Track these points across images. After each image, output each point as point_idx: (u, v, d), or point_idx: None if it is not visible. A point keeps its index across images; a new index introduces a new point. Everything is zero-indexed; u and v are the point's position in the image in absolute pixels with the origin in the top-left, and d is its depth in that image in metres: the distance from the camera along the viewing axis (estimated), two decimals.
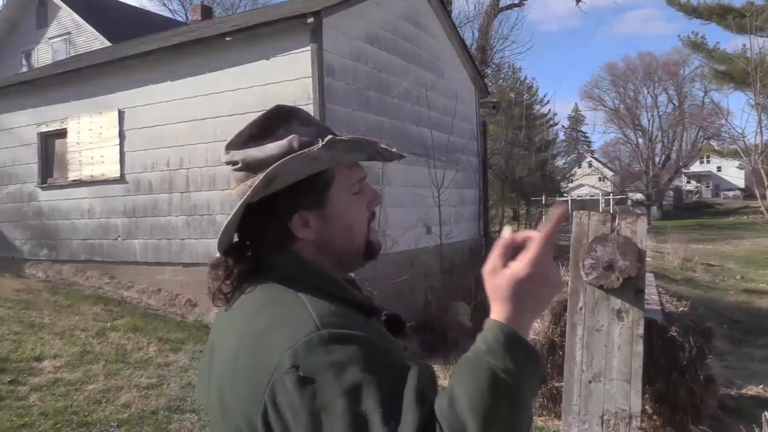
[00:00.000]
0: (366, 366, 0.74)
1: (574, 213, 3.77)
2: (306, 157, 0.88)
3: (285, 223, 0.91)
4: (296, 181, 0.89)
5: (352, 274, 1.10)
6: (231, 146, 0.94)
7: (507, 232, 0.79)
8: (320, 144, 0.90)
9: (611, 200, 33.93)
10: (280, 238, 0.92)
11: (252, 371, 0.79)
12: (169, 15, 25.15)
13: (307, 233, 0.91)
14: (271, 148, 0.91)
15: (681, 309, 4.47)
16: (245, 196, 0.88)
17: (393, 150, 0.99)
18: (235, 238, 0.95)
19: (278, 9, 9.42)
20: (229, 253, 0.93)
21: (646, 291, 3.74)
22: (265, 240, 0.92)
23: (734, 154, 22.78)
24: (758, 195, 14.77)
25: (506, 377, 0.70)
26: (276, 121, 0.94)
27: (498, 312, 0.76)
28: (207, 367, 0.96)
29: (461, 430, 0.68)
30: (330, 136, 0.92)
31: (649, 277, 5.46)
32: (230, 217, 0.89)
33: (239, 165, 0.92)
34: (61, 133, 8.87)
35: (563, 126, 46.08)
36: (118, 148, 8.19)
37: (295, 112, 0.96)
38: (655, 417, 4.12)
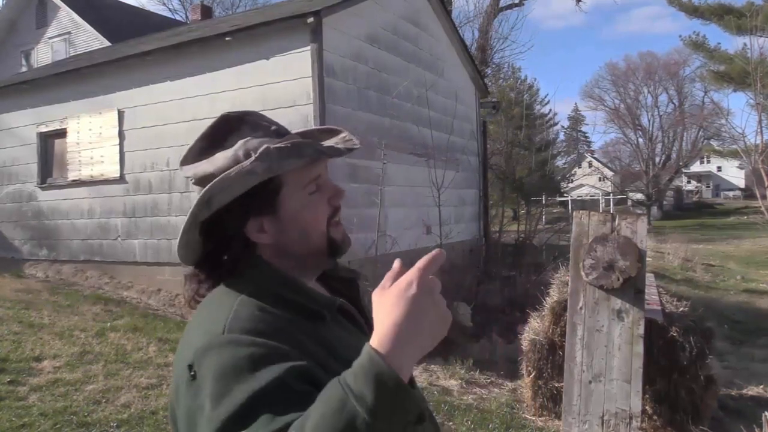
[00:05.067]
0: (244, 376, 0.73)
1: (574, 213, 3.76)
2: (239, 174, 0.87)
3: (240, 231, 0.91)
4: (246, 192, 0.88)
5: (356, 270, 1.10)
6: (184, 162, 0.95)
7: (397, 263, 0.77)
8: (253, 157, 0.88)
9: (611, 200, 33.92)
10: (240, 244, 0.92)
11: (175, 368, 0.86)
12: (168, 14, 25.17)
13: (263, 238, 0.92)
14: (219, 159, 0.91)
15: (681, 309, 4.46)
16: (188, 218, 0.89)
17: (339, 147, 0.97)
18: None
19: (278, 9, 9.42)
20: (200, 266, 0.95)
21: (646, 291, 3.73)
22: (228, 247, 0.93)
23: (734, 154, 22.77)
24: (758, 195, 14.75)
25: (357, 405, 0.63)
26: (224, 130, 0.93)
27: (375, 334, 0.68)
28: None
29: None
30: (264, 147, 0.89)
31: (650, 277, 5.46)
32: (180, 236, 0.91)
33: (193, 181, 0.93)
34: (61, 133, 8.87)
35: (563, 126, 46.11)
36: (117, 148, 8.18)
37: (244, 118, 0.95)
38: (655, 417, 4.11)
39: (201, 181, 0.91)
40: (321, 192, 0.95)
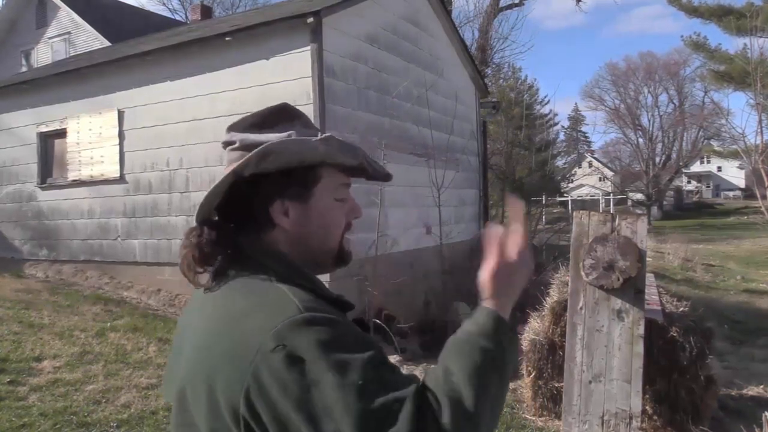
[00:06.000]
0: (349, 344, 0.78)
1: (574, 213, 3.76)
2: (303, 142, 0.92)
3: (266, 206, 0.93)
4: (286, 169, 0.91)
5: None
6: (233, 128, 0.98)
7: (495, 229, 0.91)
8: (319, 137, 0.94)
9: (611, 200, 33.92)
10: (259, 220, 0.93)
11: (232, 352, 0.80)
12: (168, 14, 25.18)
13: (285, 221, 0.93)
14: (271, 136, 0.94)
15: (681, 309, 4.46)
16: (235, 165, 0.90)
17: (385, 170, 1.04)
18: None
19: (278, 9, 9.41)
20: (206, 223, 0.93)
21: (646, 291, 3.73)
22: (244, 221, 0.94)
23: (734, 155, 22.77)
24: (758, 195, 14.76)
25: (496, 355, 0.81)
26: (280, 117, 0.98)
27: (492, 301, 0.87)
28: (175, 358, 0.96)
29: (457, 399, 0.75)
30: (328, 134, 0.96)
31: (650, 277, 5.46)
32: (215, 185, 0.90)
33: (236, 145, 0.95)
34: (61, 133, 8.86)
35: (563, 126, 46.12)
36: (117, 148, 8.18)
37: (300, 115, 1.00)
38: (655, 417, 4.11)
39: (246, 146, 0.94)
40: (344, 203, 0.99)
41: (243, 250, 0.92)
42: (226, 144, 0.97)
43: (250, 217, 0.93)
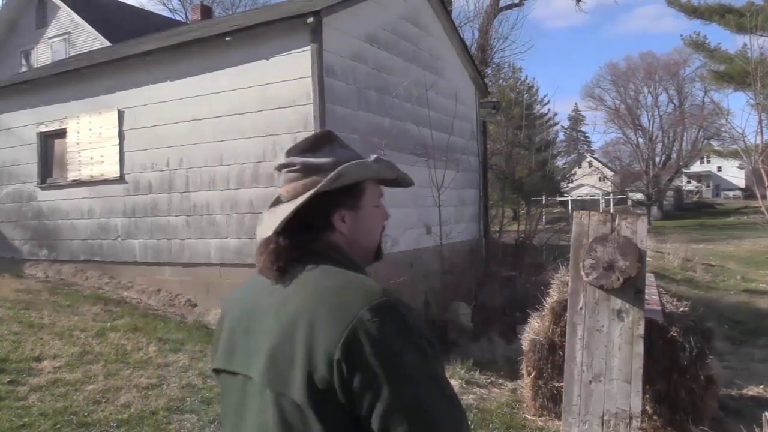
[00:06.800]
0: (424, 334, 1.00)
1: (574, 213, 3.76)
2: (365, 164, 1.15)
3: (329, 215, 1.13)
4: (344, 186, 1.11)
5: None
6: (290, 153, 1.16)
7: None
8: (372, 158, 1.17)
9: (611, 200, 33.92)
10: (320, 226, 1.14)
11: (332, 314, 0.98)
12: (168, 14, 25.18)
13: (343, 227, 1.15)
14: (323, 159, 1.14)
15: (681, 309, 4.46)
16: (318, 186, 1.09)
17: (409, 177, 1.27)
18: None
19: (278, 9, 9.41)
20: (280, 234, 1.11)
21: (646, 291, 3.73)
22: (309, 228, 1.13)
23: (734, 155, 22.76)
24: (758, 195, 14.76)
25: None
26: (325, 140, 1.19)
27: None
28: (243, 333, 1.13)
29: None
30: (377, 155, 1.19)
31: (650, 277, 5.46)
32: (299, 204, 1.09)
33: (297, 167, 1.14)
34: (61, 133, 8.86)
35: (563, 126, 46.11)
36: (117, 148, 8.18)
37: (336, 137, 1.21)
38: (655, 417, 4.11)
39: (307, 169, 1.13)
40: (380, 209, 1.22)
41: (313, 248, 1.11)
42: (285, 166, 1.15)
43: (312, 223, 1.13)
